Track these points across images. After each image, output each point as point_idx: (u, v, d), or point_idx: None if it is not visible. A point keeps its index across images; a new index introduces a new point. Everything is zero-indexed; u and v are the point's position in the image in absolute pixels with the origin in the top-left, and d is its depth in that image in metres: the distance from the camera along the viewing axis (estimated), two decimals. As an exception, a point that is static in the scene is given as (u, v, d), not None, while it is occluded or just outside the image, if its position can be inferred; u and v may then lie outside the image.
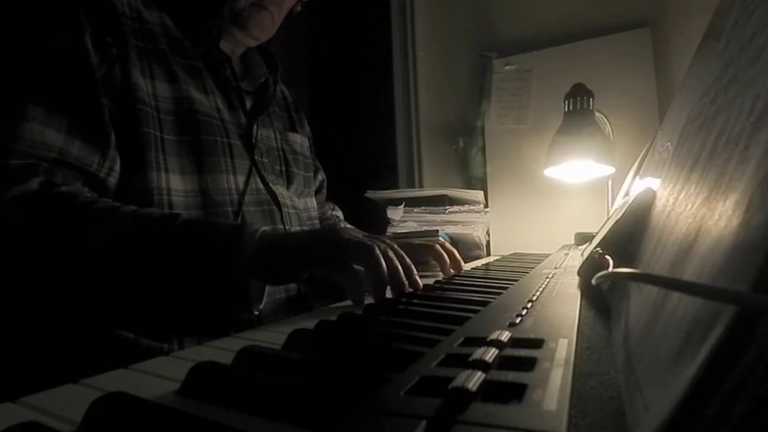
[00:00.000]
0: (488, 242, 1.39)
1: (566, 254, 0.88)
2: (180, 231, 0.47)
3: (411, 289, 0.49)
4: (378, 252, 0.46)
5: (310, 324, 0.35)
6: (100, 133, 0.53)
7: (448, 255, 0.68)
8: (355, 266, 0.47)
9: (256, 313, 0.48)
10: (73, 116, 0.52)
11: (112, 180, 0.55)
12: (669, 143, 0.41)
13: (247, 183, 0.66)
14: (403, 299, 0.46)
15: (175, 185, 0.58)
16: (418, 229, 1.15)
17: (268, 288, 0.64)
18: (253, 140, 0.71)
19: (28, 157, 0.48)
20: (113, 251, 0.47)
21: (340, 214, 1.02)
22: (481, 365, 0.20)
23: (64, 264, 0.47)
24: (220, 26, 0.68)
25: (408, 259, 0.50)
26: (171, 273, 0.46)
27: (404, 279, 0.48)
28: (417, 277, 0.50)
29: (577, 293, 0.41)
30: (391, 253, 0.48)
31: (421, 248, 0.69)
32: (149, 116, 0.57)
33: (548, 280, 0.51)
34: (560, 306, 0.35)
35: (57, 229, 0.46)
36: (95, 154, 0.53)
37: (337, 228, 0.51)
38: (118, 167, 0.55)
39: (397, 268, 0.47)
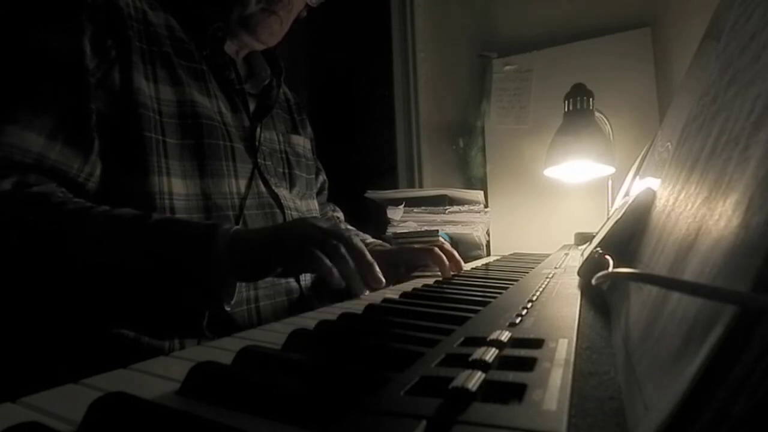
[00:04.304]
0: (488, 242, 1.39)
1: (566, 254, 0.88)
2: (152, 233, 0.48)
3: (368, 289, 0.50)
4: (335, 242, 0.48)
5: (310, 324, 0.35)
6: (84, 138, 0.53)
7: (447, 256, 0.68)
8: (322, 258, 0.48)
9: (228, 309, 0.49)
10: (58, 118, 0.51)
11: (92, 185, 0.55)
12: (669, 143, 0.41)
13: (249, 186, 0.66)
14: (403, 299, 0.46)
15: (177, 189, 0.58)
16: (418, 229, 1.15)
17: (269, 290, 0.64)
18: (256, 143, 0.71)
19: (2, 160, 0.48)
20: (85, 253, 0.47)
21: (340, 215, 1.02)
22: (481, 365, 0.20)
23: (37, 265, 0.47)
24: (225, 29, 0.68)
25: (368, 257, 0.50)
26: (144, 274, 0.47)
27: (360, 283, 0.49)
28: (379, 275, 0.49)
29: (577, 293, 0.41)
30: (348, 253, 0.48)
31: (421, 252, 0.69)
32: (151, 120, 0.57)
33: (548, 280, 0.51)
34: (560, 306, 0.35)
35: (29, 232, 0.46)
36: (76, 158, 0.53)
37: (301, 221, 0.51)
38: (98, 173, 0.55)
39: (360, 264, 0.48)
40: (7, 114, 0.48)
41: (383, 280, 0.49)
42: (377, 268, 0.49)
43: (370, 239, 0.91)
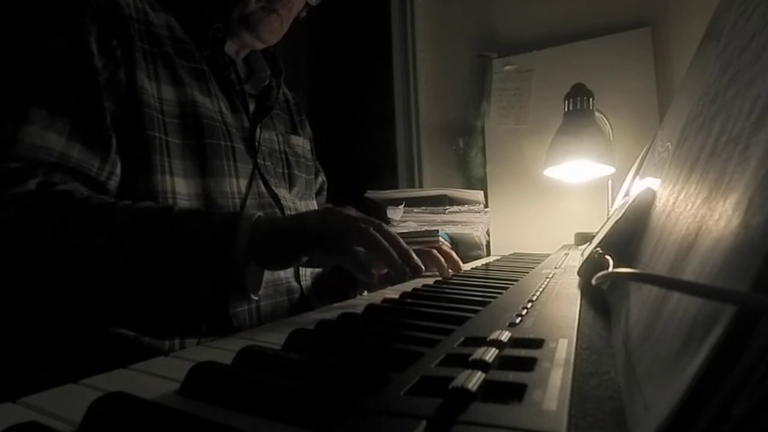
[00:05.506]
0: (488, 242, 1.39)
1: (566, 254, 0.88)
2: (175, 224, 0.48)
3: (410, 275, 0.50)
4: (373, 231, 0.47)
5: (310, 324, 0.35)
6: (101, 137, 0.53)
7: (445, 257, 0.68)
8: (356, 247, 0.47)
9: (256, 299, 0.49)
10: (74, 119, 0.51)
11: (113, 183, 0.55)
12: (669, 143, 0.41)
13: (249, 186, 0.66)
14: (403, 299, 0.46)
15: (179, 188, 0.58)
16: (418, 229, 1.15)
17: (269, 290, 0.64)
18: (256, 144, 0.71)
19: (28, 160, 0.48)
20: (110, 247, 0.47)
21: (340, 215, 1.01)
22: (481, 365, 0.20)
23: (61, 260, 0.47)
24: (226, 29, 0.68)
25: (404, 244, 0.50)
26: (168, 266, 0.47)
27: (413, 260, 0.49)
28: (419, 262, 0.50)
29: (577, 293, 0.41)
30: (385, 236, 0.48)
31: (419, 254, 0.70)
32: (154, 119, 0.57)
33: (548, 280, 0.51)
34: (560, 306, 0.35)
35: (53, 227, 0.46)
36: (95, 157, 0.53)
37: (332, 210, 0.51)
38: (118, 171, 0.55)
39: (398, 252, 0.48)
40: (26, 116, 0.49)
41: (423, 266, 0.49)
42: (415, 255, 0.49)
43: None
